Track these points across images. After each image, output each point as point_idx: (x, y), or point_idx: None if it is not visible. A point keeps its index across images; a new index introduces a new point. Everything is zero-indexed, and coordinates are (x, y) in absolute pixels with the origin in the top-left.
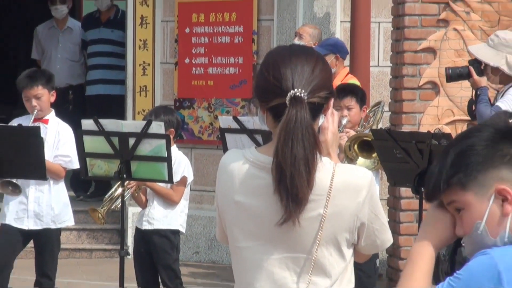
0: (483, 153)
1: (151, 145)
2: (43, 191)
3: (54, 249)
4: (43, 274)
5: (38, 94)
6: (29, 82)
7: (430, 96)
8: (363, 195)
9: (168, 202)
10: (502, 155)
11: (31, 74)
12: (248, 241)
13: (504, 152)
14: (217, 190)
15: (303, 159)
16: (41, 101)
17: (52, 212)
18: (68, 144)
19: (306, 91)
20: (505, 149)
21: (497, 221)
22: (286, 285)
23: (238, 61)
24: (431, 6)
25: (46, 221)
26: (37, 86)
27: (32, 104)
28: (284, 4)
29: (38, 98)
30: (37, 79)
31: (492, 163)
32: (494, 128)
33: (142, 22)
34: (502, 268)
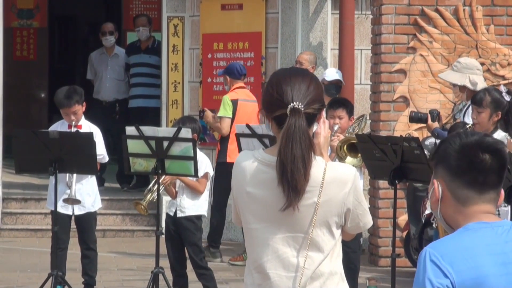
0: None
1: (181, 147)
2: (82, 183)
3: (94, 227)
4: (88, 248)
5: (75, 111)
6: (67, 102)
7: (402, 108)
8: (349, 187)
9: (195, 192)
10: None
11: (67, 94)
12: (257, 223)
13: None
14: (233, 183)
15: (300, 158)
16: (77, 115)
17: (90, 199)
18: (100, 144)
19: (302, 104)
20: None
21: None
22: (288, 259)
23: (250, 80)
24: (402, 37)
25: (87, 206)
26: (74, 104)
27: (70, 118)
28: (286, 35)
29: (75, 113)
30: (73, 98)
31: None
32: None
33: (174, 49)
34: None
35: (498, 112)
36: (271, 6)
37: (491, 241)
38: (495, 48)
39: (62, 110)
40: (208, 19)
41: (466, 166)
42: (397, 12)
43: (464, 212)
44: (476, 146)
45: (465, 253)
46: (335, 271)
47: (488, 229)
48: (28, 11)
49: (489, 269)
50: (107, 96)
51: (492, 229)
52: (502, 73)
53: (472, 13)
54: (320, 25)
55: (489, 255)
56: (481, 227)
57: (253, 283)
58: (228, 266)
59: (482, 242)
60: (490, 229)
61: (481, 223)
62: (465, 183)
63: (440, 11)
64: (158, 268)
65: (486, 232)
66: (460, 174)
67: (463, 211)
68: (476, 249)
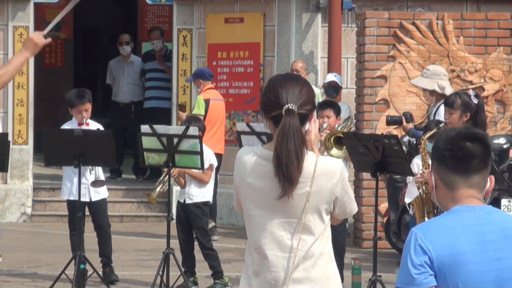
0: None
1: (189, 143)
2: (95, 173)
3: (107, 211)
4: (104, 232)
5: (87, 108)
6: (80, 100)
7: (383, 109)
8: (337, 178)
9: (201, 182)
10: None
11: (80, 94)
12: (256, 210)
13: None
14: (235, 174)
15: (294, 152)
16: (88, 112)
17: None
18: None
19: (296, 105)
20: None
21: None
22: (283, 241)
23: (249, 85)
24: (383, 47)
25: (101, 193)
26: (86, 102)
27: (83, 115)
28: (281, 45)
29: (86, 111)
30: (85, 97)
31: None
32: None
33: (183, 57)
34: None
35: (467, 113)
36: (269, 20)
37: (470, 222)
38: (464, 57)
39: (75, 109)
40: (213, 31)
41: (449, 154)
42: (379, 25)
43: (452, 197)
44: (457, 136)
45: (445, 232)
46: (325, 252)
47: (470, 212)
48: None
49: (466, 246)
50: (124, 99)
51: (474, 212)
52: (470, 78)
53: (444, 26)
54: (311, 37)
55: (467, 235)
56: (464, 210)
57: (253, 262)
58: (231, 248)
59: (462, 223)
60: (472, 211)
61: (464, 206)
62: (450, 169)
63: (417, 24)
64: (169, 249)
65: (468, 214)
66: (445, 162)
67: (451, 196)
68: (456, 229)
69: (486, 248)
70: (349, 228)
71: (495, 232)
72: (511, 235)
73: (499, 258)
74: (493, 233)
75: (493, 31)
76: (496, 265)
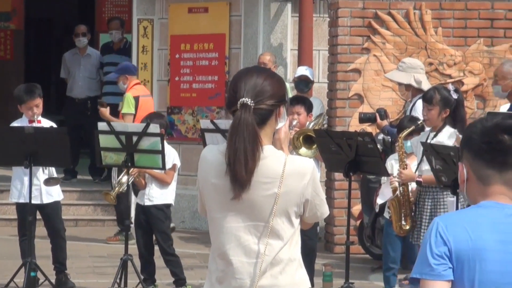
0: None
1: (149, 141)
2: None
3: (61, 215)
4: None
5: (38, 104)
6: (30, 95)
7: (356, 105)
8: (307, 179)
9: (163, 183)
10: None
11: (29, 89)
12: (221, 213)
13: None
14: (199, 175)
15: (242, 150)
16: (39, 109)
17: (56, 188)
18: None
19: (253, 100)
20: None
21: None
22: (249, 246)
23: (214, 79)
24: (357, 38)
25: (54, 195)
26: (37, 97)
27: (33, 112)
28: (248, 37)
29: (37, 107)
30: (35, 92)
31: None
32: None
33: (143, 50)
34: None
35: (446, 109)
36: (235, 10)
37: (497, 220)
38: (442, 49)
39: (25, 105)
40: (176, 22)
41: (486, 146)
42: (353, 15)
43: (483, 192)
44: (496, 128)
45: (468, 225)
46: (294, 257)
47: (498, 209)
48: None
49: (488, 244)
50: (79, 94)
51: (502, 209)
52: (449, 72)
53: (422, 16)
54: (280, 27)
55: (491, 232)
56: (492, 206)
57: (217, 269)
58: (194, 253)
59: (487, 219)
60: (500, 209)
61: (492, 202)
62: (486, 162)
63: (393, 14)
64: (127, 255)
65: (495, 211)
66: (481, 155)
67: (483, 191)
68: (480, 224)
69: (509, 248)
70: (320, 232)
71: None
72: None
73: None
74: None
75: (473, 22)
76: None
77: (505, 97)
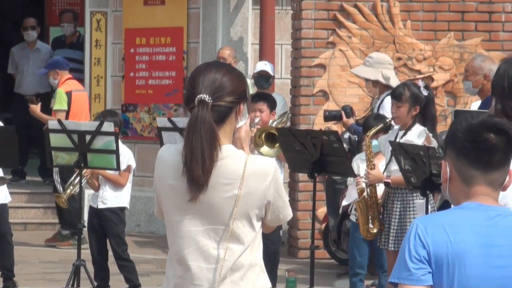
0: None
1: (103, 141)
2: None
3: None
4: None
5: None
6: None
7: (321, 102)
8: (269, 179)
9: (117, 185)
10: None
11: None
12: (179, 216)
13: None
14: (155, 176)
15: (200, 149)
16: None
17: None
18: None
19: (211, 96)
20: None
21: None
22: (208, 251)
23: (171, 75)
24: (321, 32)
25: (2, 197)
26: None
27: None
28: (207, 30)
29: None
30: None
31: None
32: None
33: (97, 44)
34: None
35: (416, 106)
36: (193, 2)
37: (478, 222)
38: (411, 43)
39: None
40: (131, 14)
41: (471, 145)
42: (317, 8)
43: (467, 192)
44: (481, 126)
45: (448, 228)
46: (255, 262)
47: (480, 211)
48: None
49: (468, 248)
50: (28, 90)
51: (485, 211)
52: (418, 67)
53: (390, 9)
54: (240, 20)
55: (472, 235)
56: (474, 208)
57: (175, 275)
58: (150, 259)
59: (468, 221)
60: (482, 211)
61: (475, 204)
62: (470, 162)
63: (359, 6)
64: (79, 260)
65: (477, 213)
66: (465, 154)
67: (466, 191)
68: (461, 226)
69: (490, 252)
70: (283, 236)
71: (505, 236)
72: None
73: (504, 266)
74: (501, 238)
75: (443, 14)
76: (500, 273)
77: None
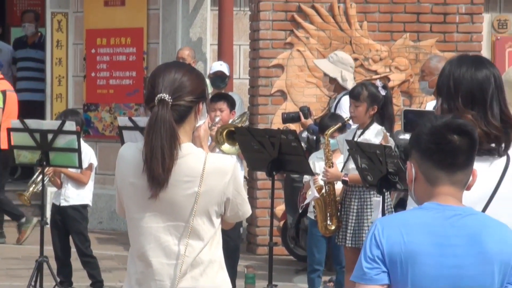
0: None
1: (65, 139)
2: None
3: None
4: None
5: None
6: None
7: (279, 101)
8: (229, 177)
9: (79, 183)
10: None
11: None
12: (140, 213)
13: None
14: (117, 174)
15: (160, 148)
16: None
17: None
18: None
19: (171, 96)
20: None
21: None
22: (169, 247)
23: (132, 75)
24: (279, 33)
25: None
26: None
27: None
28: (166, 31)
29: None
30: None
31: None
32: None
33: (58, 44)
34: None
35: (374, 106)
36: (153, 3)
37: (434, 222)
38: (368, 44)
39: None
40: (92, 15)
41: (435, 147)
42: (275, 9)
43: (431, 192)
44: (445, 128)
45: (403, 228)
46: (215, 259)
47: (438, 211)
48: None
49: (421, 247)
50: None
51: (443, 211)
52: (375, 68)
53: (347, 10)
54: (199, 21)
55: (426, 234)
56: (432, 208)
57: (136, 271)
58: (112, 255)
59: (425, 221)
60: (440, 210)
61: (434, 204)
62: (435, 163)
63: (316, 7)
64: (42, 257)
65: (434, 212)
66: (429, 155)
67: (430, 191)
68: (416, 226)
69: (445, 252)
70: (243, 233)
71: (461, 236)
72: (478, 242)
73: (458, 265)
74: (457, 238)
75: (399, 16)
76: (453, 272)
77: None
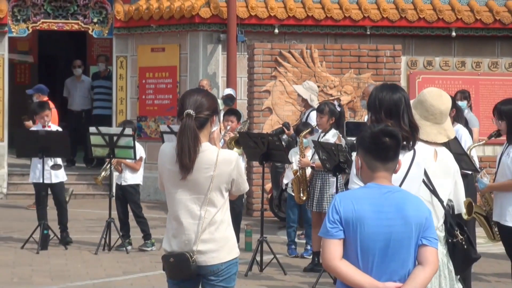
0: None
1: (125, 140)
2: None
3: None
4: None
5: (47, 114)
6: (41, 109)
7: (267, 115)
8: (233, 164)
9: (134, 169)
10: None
11: (40, 104)
12: (174, 189)
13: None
14: (159, 163)
15: (187, 147)
16: (48, 117)
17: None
18: None
19: (195, 111)
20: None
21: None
22: (194, 211)
23: (169, 97)
24: (267, 69)
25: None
26: (46, 109)
27: (44, 120)
28: (192, 68)
29: (47, 116)
30: (44, 107)
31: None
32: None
33: (120, 77)
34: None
35: (332, 117)
36: (183, 49)
37: (374, 196)
38: (326, 76)
39: (38, 116)
40: (143, 58)
41: (374, 146)
42: (264, 53)
43: (371, 176)
44: (380, 133)
45: (354, 200)
46: (225, 219)
47: (377, 189)
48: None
49: (366, 213)
50: (76, 107)
51: (379, 189)
52: (331, 92)
53: (312, 54)
54: (214, 61)
55: (369, 205)
56: (373, 187)
57: (172, 228)
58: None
59: (368, 196)
60: (378, 189)
61: (374, 184)
62: (374, 157)
63: (292, 52)
64: (110, 218)
65: (375, 190)
66: (370, 151)
67: (371, 176)
68: (362, 199)
69: (381, 216)
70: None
71: (391, 206)
72: (402, 209)
73: (390, 225)
74: (389, 207)
75: (346, 58)
76: (387, 229)
77: None
